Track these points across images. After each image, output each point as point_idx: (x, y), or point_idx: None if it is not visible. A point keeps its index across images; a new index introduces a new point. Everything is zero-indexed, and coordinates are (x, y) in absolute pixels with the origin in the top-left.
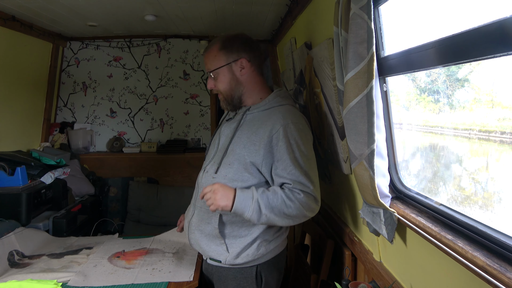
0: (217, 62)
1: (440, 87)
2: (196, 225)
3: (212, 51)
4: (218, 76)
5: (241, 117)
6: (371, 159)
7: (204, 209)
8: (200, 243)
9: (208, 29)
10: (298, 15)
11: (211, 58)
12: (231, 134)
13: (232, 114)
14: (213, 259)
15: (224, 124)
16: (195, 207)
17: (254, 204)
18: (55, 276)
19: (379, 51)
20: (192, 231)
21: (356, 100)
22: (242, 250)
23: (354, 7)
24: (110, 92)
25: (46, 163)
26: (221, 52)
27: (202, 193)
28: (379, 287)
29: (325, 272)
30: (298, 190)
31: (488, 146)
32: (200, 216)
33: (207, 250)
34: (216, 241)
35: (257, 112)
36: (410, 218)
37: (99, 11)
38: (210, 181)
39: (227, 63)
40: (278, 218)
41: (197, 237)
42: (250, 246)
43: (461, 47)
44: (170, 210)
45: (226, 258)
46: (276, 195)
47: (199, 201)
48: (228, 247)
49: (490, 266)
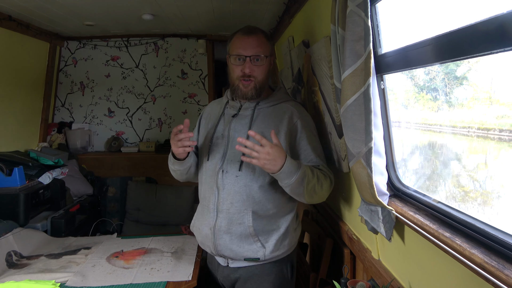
0: (267, 49)
1: (438, 85)
2: (225, 228)
3: (261, 37)
4: (263, 64)
5: (252, 112)
6: (368, 157)
7: (234, 210)
8: (231, 246)
9: (205, 28)
10: (295, 13)
11: (262, 43)
12: (246, 130)
13: (235, 110)
14: (249, 259)
15: (230, 120)
16: (217, 211)
17: (296, 176)
18: (53, 277)
19: (376, 48)
20: (220, 236)
21: (354, 98)
22: (278, 242)
23: (351, 4)
24: (108, 91)
25: (44, 163)
26: (268, 42)
27: (255, 146)
28: (377, 285)
29: (324, 270)
30: (324, 173)
31: (486, 143)
32: (228, 219)
33: (240, 252)
34: (249, 240)
35: (266, 107)
36: (408, 216)
37: (96, 10)
38: (234, 180)
39: (271, 55)
40: (307, 193)
41: (226, 241)
42: (284, 237)
43: (458, 44)
44: (169, 209)
45: (264, 253)
46: (313, 172)
47: (225, 203)
48: (262, 243)
49: (488, 264)
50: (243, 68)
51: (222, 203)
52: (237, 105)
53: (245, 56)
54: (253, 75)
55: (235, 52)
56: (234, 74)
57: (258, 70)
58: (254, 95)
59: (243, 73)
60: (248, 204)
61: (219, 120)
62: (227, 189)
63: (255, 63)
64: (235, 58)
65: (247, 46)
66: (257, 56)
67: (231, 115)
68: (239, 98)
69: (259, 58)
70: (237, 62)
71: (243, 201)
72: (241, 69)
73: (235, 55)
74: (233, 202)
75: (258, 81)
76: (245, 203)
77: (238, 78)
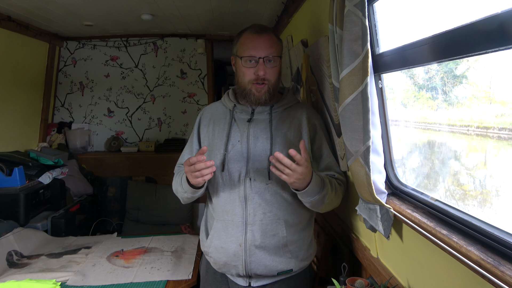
0: (279, 49)
1: (438, 84)
2: (258, 243)
3: (273, 37)
4: (276, 65)
5: (269, 116)
6: (367, 156)
7: (266, 221)
8: (265, 261)
9: (204, 28)
10: (294, 13)
11: (274, 43)
12: (268, 135)
13: (248, 114)
14: (283, 272)
15: (246, 125)
16: (246, 224)
17: (319, 195)
18: (54, 276)
19: (374, 48)
20: (253, 252)
21: (352, 97)
22: (305, 251)
23: (349, 4)
24: (107, 91)
25: (44, 163)
26: (279, 43)
27: (292, 164)
28: (376, 283)
29: (324, 269)
30: (340, 182)
31: (486, 142)
32: (261, 232)
33: (274, 266)
34: (280, 252)
35: (281, 110)
36: (406, 214)
37: (95, 11)
38: (265, 188)
39: (281, 56)
40: (324, 207)
41: (260, 257)
42: (310, 244)
43: (456, 43)
44: (168, 209)
45: (295, 264)
46: (332, 185)
47: (257, 215)
48: (293, 253)
49: (484, 260)
50: (256, 71)
51: (253, 214)
52: (248, 109)
53: (258, 58)
54: (266, 78)
55: (247, 53)
56: (245, 77)
57: (271, 72)
58: (268, 99)
59: (256, 76)
60: (280, 214)
61: (230, 126)
62: (258, 198)
63: (268, 64)
64: (247, 60)
65: (259, 47)
66: (270, 57)
67: (245, 120)
68: (251, 103)
69: (272, 59)
70: (248, 64)
71: (275, 210)
72: (253, 71)
73: (247, 57)
74: (266, 212)
75: (272, 84)
76: (277, 212)
77: (251, 82)
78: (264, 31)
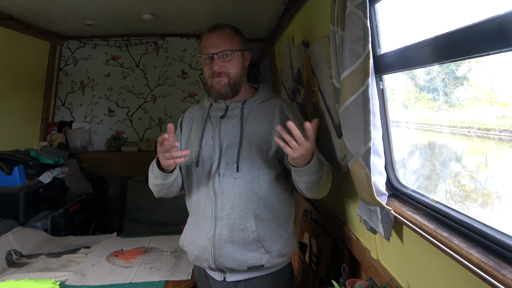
0: (236, 44)
1: (439, 85)
2: (226, 237)
3: (228, 32)
4: (233, 59)
5: (240, 111)
6: (367, 157)
7: (234, 216)
8: (234, 255)
9: (206, 27)
10: (295, 13)
11: (228, 38)
12: (238, 129)
13: (221, 111)
14: (254, 267)
15: (219, 122)
16: (215, 219)
17: (318, 175)
18: (53, 275)
19: (375, 49)
20: (221, 246)
21: (353, 98)
22: (282, 247)
23: (350, 5)
24: (108, 91)
25: (44, 162)
26: (237, 36)
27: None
28: (376, 285)
29: (323, 270)
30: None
31: (486, 144)
32: (229, 226)
33: (244, 260)
34: (252, 247)
35: (254, 105)
36: (406, 215)
37: (97, 10)
38: (233, 182)
39: (242, 49)
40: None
41: (228, 251)
42: (287, 241)
43: (457, 45)
44: (168, 209)
45: (268, 259)
46: (327, 167)
47: (225, 210)
48: (266, 249)
49: (485, 263)
50: (212, 66)
51: (221, 209)
52: (222, 106)
53: (212, 54)
54: (224, 71)
55: (204, 51)
56: (205, 74)
57: (229, 66)
58: (229, 91)
59: (212, 71)
60: (249, 208)
61: (205, 123)
62: (226, 193)
63: (224, 59)
64: (205, 58)
65: (212, 44)
66: (224, 52)
67: (218, 116)
68: (214, 97)
69: (228, 54)
70: (206, 61)
71: (244, 204)
72: (210, 67)
73: (204, 55)
74: (234, 207)
75: (232, 77)
76: (246, 206)
77: (210, 77)
78: (216, 28)
